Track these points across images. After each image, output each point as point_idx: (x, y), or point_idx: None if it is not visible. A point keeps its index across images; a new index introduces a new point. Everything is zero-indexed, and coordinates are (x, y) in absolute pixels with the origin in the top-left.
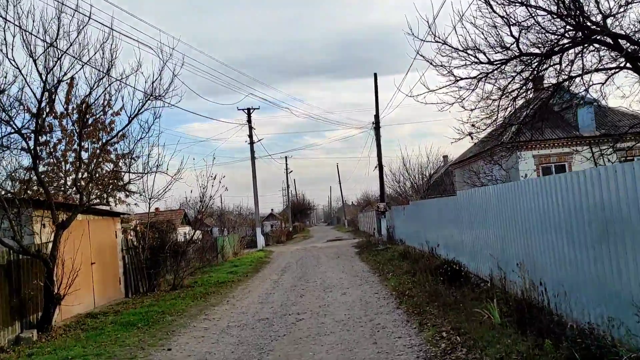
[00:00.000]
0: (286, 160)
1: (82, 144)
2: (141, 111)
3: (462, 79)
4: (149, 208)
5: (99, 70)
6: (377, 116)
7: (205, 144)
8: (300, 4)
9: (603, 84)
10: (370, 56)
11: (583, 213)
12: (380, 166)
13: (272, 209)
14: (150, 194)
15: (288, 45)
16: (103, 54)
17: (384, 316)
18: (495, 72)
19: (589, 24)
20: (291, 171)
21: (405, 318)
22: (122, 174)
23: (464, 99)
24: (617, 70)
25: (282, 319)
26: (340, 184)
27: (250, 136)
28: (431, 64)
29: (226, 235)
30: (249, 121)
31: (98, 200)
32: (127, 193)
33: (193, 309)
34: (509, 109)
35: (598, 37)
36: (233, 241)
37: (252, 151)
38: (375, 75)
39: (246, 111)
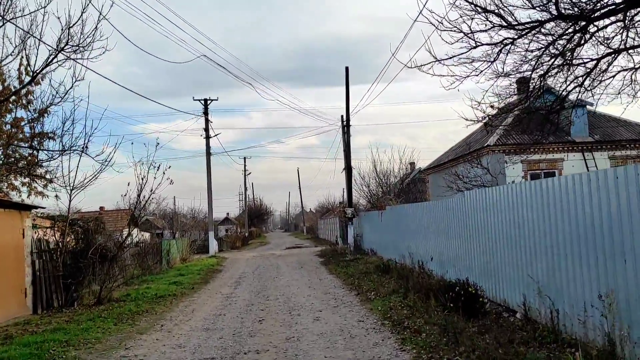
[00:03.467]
0: (244, 161)
1: None
2: (51, 64)
3: (482, 44)
4: (70, 201)
5: None
6: (347, 112)
7: (160, 147)
8: (261, 10)
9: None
10: (330, 66)
11: None
12: (348, 168)
13: (227, 213)
14: (72, 183)
15: (248, 50)
16: None
17: None
18: (524, 38)
19: None
20: (249, 173)
21: None
22: (27, 152)
23: (481, 71)
24: None
25: None
26: (300, 188)
27: (207, 129)
28: (437, 28)
29: (174, 239)
30: (206, 113)
31: None
32: (37, 179)
33: (112, 338)
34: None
35: None
36: (181, 245)
37: (208, 146)
38: (346, 68)
39: (203, 102)
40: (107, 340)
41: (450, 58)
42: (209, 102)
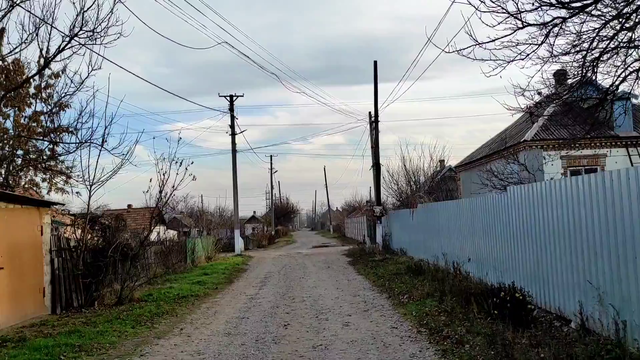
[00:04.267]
0: (271, 159)
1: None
2: (64, 50)
3: (529, 24)
4: (90, 196)
5: None
6: (375, 107)
7: (185, 144)
8: (286, 9)
9: None
10: (356, 64)
11: None
12: (377, 165)
13: (254, 211)
14: (92, 178)
15: (273, 50)
16: None
17: None
18: (576, 17)
19: None
20: (276, 171)
21: None
22: (44, 144)
23: (527, 55)
24: None
25: None
26: (326, 187)
27: (232, 126)
28: (477, 8)
29: (199, 237)
30: (231, 109)
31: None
32: (57, 174)
33: (128, 343)
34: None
35: None
36: (207, 244)
37: (234, 143)
38: (375, 62)
39: (228, 98)
40: (123, 345)
41: (493, 41)
42: (234, 98)
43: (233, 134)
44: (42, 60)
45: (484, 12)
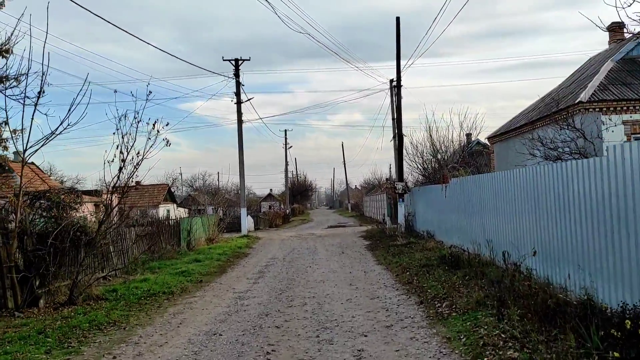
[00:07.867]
0: (285, 133)
1: None
2: None
3: None
4: (23, 166)
5: None
6: (398, 70)
7: (198, 120)
8: None
9: None
10: (374, 40)
11: None
12: (399, 136)
13: (271, 189)
14: (26, 143)
15: (290, 26)
16: None
17: None
18: None
19: None
20: (291, 146)
21: None
22: None
23: None
24: None
25: None
26: (344, 164)
27: (238, 93)
28: None
29: (198, 216)
30: (237, 75)
31: None
32: None
33: None
34: None
35: None
36: (208, 223)
37: (239, 112)
38: (397, 19)
39: (233, 62)
40: None
41: None
42: (240, 62)
43: (239, 102)
44: None
45: None
